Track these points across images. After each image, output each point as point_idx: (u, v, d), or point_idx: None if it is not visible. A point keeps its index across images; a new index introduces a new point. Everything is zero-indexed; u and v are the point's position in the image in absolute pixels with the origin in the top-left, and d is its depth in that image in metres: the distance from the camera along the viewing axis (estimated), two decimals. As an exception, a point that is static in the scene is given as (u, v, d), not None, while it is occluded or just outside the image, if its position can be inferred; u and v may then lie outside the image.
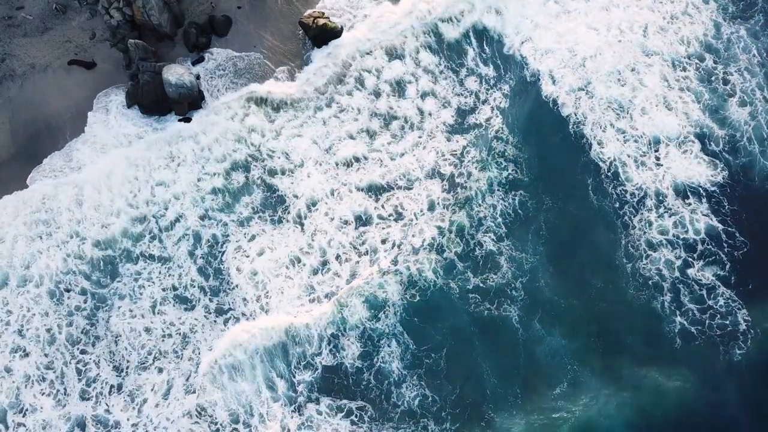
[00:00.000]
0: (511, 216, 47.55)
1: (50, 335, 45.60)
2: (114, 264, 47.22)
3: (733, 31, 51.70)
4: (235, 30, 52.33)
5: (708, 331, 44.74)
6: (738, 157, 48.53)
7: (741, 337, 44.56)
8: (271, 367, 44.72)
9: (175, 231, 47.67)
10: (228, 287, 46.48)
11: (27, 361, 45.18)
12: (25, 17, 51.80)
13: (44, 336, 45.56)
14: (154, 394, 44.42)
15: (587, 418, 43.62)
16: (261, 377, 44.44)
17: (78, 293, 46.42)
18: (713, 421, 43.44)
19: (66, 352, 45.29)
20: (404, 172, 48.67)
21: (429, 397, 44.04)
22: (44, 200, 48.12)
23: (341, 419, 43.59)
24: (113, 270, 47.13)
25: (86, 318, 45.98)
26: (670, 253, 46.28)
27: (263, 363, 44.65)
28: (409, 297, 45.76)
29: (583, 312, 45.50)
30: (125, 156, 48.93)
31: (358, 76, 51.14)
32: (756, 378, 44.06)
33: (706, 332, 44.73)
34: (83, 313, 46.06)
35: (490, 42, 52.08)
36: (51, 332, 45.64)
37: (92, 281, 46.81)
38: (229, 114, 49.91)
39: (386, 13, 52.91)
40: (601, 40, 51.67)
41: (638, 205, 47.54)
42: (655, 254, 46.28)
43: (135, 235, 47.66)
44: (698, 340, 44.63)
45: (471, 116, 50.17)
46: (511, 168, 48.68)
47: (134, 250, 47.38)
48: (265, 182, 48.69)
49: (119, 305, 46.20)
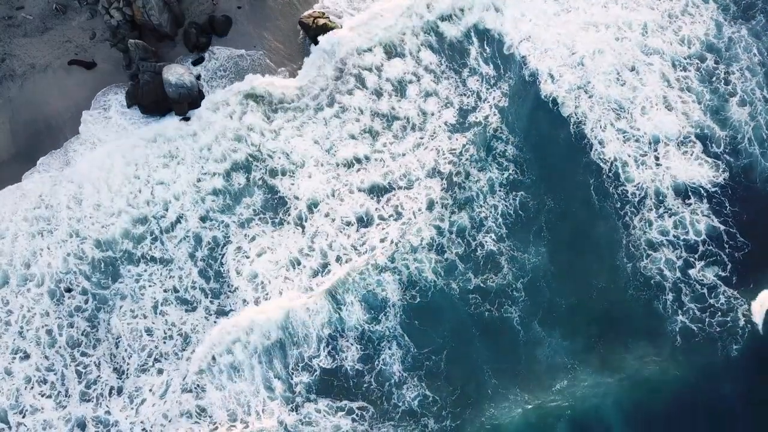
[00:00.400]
0: (512, 216, 47.46)
1: (51, 337, 45.67)
2: (115, 265, 47.23)
3: (734, 30, 51.44)
4: (236, 30, 52.22)
5: (708, 329, 44.69)
6: (739, 157, 48.33)
7: (740, 332, 44.53)
8: (269, 367, 44.71)
9: (176, 232, 47.65)
10: (228, 289, 46.49)
11: (28, 363, 45.29)
12: (25, 17, 51.73)
13: (44, 338, 45.61)
14: (153, 395, 44.48)
15: (587, 415, 43.63)
16: (259, 377, 44.43)
17: (79, 293, 46.44)
18: (712, 414, 43.55)
19: (66, 354, 45.36)
20: (405, 173, 48.57)
21: (429, 396, 44.07)
22: (42, 197, 48.13)
23: (342, 417, 43.57)
24: (114, 271, 47.13)
25: (86, 320, 46.09)
26: (671, 253, 46.17)
27: (261, 364, 44.66)
28: (409, 298, 45.74)
29: (583, 312, 45.42)
30: (123, 154, 48.88)
31: (358, 74, 51.00)
32: (753, 373, 44.15)
33: (706, 329, 44.68)
34: (84, 314, 46.12)
35: (490, 40, 51.85)
36: (52, 334, 45.71)
37: (93, 282, 46.84)
38: (227, 111, 49.78)
39: (386, 11, 52.75)
40: (601, 38, 51.44)
41: (639, 204, 47.37)
42: (655, 254, 46.17)
43: (136, 236, 47.64)
44: (698, 337, 44.60)
45: (471, 115, 50.01)
46: (512, 168, 48.54)
47: (135, 252, 47.37)
48: (266, 183, 48.61)
49: (120, 305, 46.23)
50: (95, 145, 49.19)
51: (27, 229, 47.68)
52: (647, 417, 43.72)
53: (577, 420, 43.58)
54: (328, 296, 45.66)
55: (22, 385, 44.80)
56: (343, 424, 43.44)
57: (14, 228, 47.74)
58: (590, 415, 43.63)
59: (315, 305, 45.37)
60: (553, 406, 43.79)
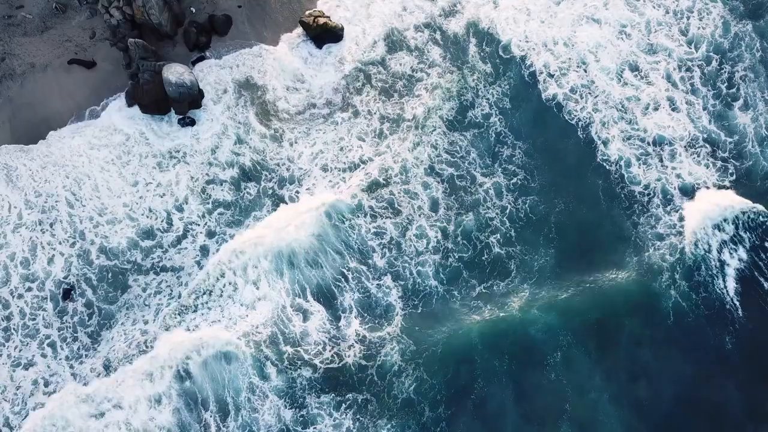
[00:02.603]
0: (514, 214, 47.22)
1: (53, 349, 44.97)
2: (120, 273, 46.52)
3: (740, 29, 51.42)
4: (236, 29, 52.04)
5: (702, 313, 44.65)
6: (741, 158, 48.28)
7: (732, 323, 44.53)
8: (264, 362, 43.90)
9: (177, 238, 47.15)
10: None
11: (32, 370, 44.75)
12: (25, 16, 51.62)
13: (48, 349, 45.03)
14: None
15: (584, 409, 43.05)
16: (254, 371, 43.77)
17: (83, 304, 45.85)
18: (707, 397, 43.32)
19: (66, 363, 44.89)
20: (405, 172, 48.37)
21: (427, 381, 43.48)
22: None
23: (343, 411, 43.05)
24: (118, 280, 46.40)
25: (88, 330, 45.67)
26: (673, 252, 45.98)
27: (255, 357, 43.91)
28: (412, 305, 45.46)
29: (581, 303, 44.93)
30: (118, 155, 48.77)
31: (359, 73, 50.97)
32: (746, 358, 43.90)
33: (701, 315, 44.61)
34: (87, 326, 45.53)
35: (490, 38, 51.96)
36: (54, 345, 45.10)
37: (96, 289, 46.15)
38: (229, 115, 49.65)
39: (385, 9, 53.05)
40: (603, 36, 51.57)
41: (645, 204, 47.21)
42: (660, 250, 45.94)
43: (137, 242, 47.13)
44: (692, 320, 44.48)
45: (471, 114, 49.97)
46: (513, 168, 48.41)
47: (144, 263, 46.70)
48: (273, 191, 48.24)
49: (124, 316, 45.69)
50: (96, 147, 49.07)
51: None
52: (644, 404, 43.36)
53: (574, 402, 42.93)
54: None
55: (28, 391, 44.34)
56: (348, 419, 42.93)
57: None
58: (589, 408, 42.94)
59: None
60: (550, 392, 43.27)
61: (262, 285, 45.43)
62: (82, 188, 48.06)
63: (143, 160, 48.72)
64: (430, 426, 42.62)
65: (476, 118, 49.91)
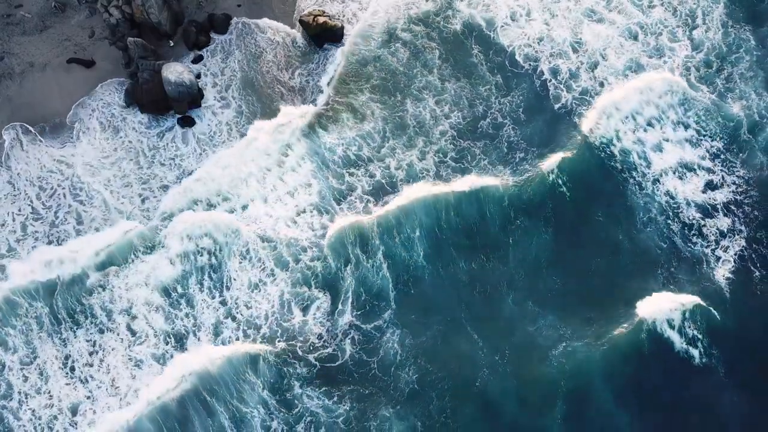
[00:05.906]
0: (520, 210, 47.30)
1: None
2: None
3: (740, 32, 51.99)
4: (236, 28, 51.98)
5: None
6: (742, 158, 48.54)
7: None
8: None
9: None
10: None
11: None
12: (24, 15, 51.55)
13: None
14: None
15: (580, 387, 42.88)
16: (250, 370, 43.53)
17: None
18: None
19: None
20: (406, 172, 48.29)
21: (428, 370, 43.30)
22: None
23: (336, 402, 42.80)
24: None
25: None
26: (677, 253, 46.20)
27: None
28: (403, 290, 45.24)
29: (576, 290, 45.12)
30: (118, 157, 48.73)
31: (360, 73, 50.97)
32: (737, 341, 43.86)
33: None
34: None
35: (489, 36, 52.15)
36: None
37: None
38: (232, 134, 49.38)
39: (385, 8, 53.16)
40: (605, 35, 51.89)
41: (648, 202, 47.35)
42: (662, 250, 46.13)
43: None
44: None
45: (472, 112, 50.03)
46: (517, 168, 48.40)
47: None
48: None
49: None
50: (96, 146, 49.00)
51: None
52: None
53: (572, 392, 42.70)
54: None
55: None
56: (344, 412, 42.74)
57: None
58: (584, 387, 42.75)
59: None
60: (546, 374, 43.14)
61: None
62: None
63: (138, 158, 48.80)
64: (435, 415, 42.52)
65: (488, 129, 49.84)
